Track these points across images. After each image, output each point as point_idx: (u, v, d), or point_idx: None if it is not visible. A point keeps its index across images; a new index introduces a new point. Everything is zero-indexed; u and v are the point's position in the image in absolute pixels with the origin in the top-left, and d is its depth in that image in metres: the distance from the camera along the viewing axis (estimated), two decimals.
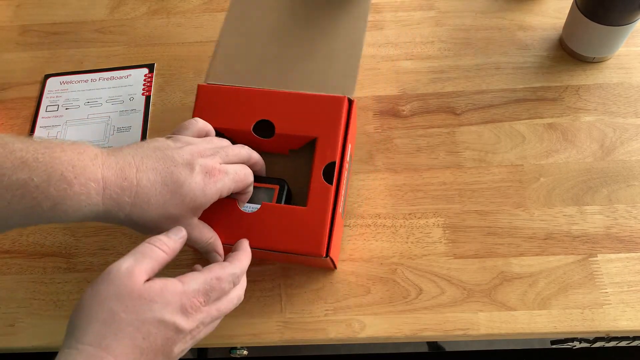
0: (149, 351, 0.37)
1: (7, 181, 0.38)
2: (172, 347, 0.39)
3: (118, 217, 0.42)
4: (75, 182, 0.39)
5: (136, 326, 0.37)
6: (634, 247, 0.55)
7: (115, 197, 0.41)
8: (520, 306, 0.53)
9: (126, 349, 0.36)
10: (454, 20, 0.73)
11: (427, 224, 0.58)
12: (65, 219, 0.40)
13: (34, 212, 0.39)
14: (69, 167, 0.39)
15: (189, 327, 0.39)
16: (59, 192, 0.39)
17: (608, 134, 0.62)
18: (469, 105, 0.66)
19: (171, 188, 0.43)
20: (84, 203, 0.40)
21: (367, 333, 0.53)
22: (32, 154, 0.39)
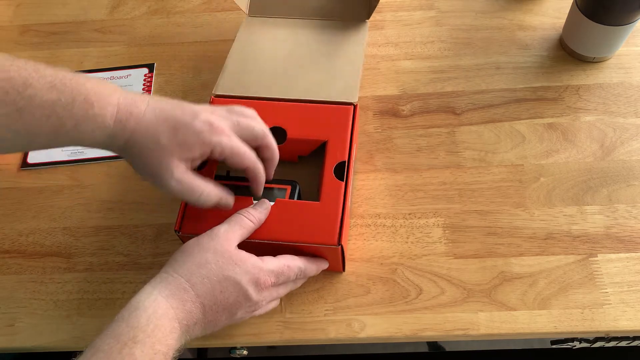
0: (220, 303, 0.44)
1: (39, 101, 0.41)
2: (237, 310, 0.45)
3: (119, 142, 0.45)
4: (96, 104, 0.43)
5: (219, 278, 0.44)
6: (634, 247, 0.55)
7: (124, 121, 0.45)
8: (521, 306, 0.53)
9: (206, 291, 0.44)
10: (454, 20, 0.73)
11: (427, 223, 0.58)
12: (85, 141, 0.45)
13: (58, 132, 0.43)
14: (91, 91, 0.43)
15: (255, 299, 0.46)
16: (82, 112, 0.43)
17: (608, 134, 0.62)
18: (469, 105, 0.66)
19: (171, 124, 0.46)
20: (100, 125, 0.44)
21: (367, 333, 0.53)
22: (60, 80, 0.43)
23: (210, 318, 0.45)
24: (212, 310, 0.44)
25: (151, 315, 0.41)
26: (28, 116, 0.41)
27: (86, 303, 0.57)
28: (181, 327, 0.43)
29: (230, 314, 0.46)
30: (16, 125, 0.42)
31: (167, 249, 0.59)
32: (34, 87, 0.41)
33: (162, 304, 0.42)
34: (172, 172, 0.45)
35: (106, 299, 0.57)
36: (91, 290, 0.58)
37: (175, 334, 0.42)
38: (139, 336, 0.40)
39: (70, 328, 0.56)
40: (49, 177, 0.65)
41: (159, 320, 0.41)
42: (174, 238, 0.60)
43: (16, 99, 0.41)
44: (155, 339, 0.40)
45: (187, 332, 0.44)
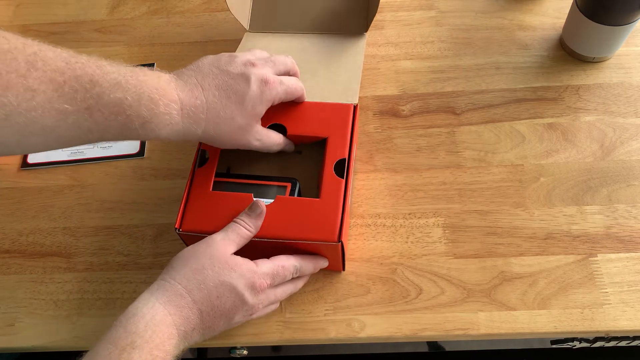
0: (217, 308, 0.45)
1: (107, 99, 0.42)
2: (234, 315, 0.46)
3: (196, 133, 0.48)
4: (160, 103, 0.45)
5: (215, 284, 0.44)
6: (634, 247, 0.55)
7: (192, 115, 0.47)
8: (520, 306, 0.53)
9: (202, 297, 0.44)
10: (454, 20, 0.73)
11: (427, 223, 0.58)
12: (150, 136, 0.46)
13: (125, 129, 0.44)
14: (153, 89, 0.44)
15: (252, 303, 0.46)
16: (148, 111, 0.44)
17: (608, 134, 0.62)
18: (469, 105, 0.66)
19: (234, 100, 0.48)
20: (167, 122, 0.45)
21: (367, 333, 0.53)
22: (123, 76, 0.43)
23: (208, 324, 0.45)
24: (209, 315, 0.45)
25: (149, 321, 0.42)
26: (97, 114, 0.42)
27: (86, 303, 0.57)
28: (179, 333, 0.43)
29: (228, 319, 0.46)
30: (87, 123, 0.42)
31: (167, 249, 0.59)
32: (101, 86, 0.42)
33: (159, 310, 0.43)
34: (255, 137, 0.51)
35: (106, 299, 0.57)
36: (91, 290, 0.58)
37: (173, 340, 0.43)
38: (137, 342, 0.40)
39: (70, 328, 0.56)
40: (49, 177, 0.65)
41: (156, 327, 0.42)
42: (174, 238, 0.60)
43: (85, 97, 0.41)
44: (153, 344, 0.41)
45: (185, 338, 0.44)
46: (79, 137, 0.43)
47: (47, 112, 0.40)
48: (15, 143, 0.41)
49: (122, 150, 0.66)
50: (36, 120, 0.40)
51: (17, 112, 0.39)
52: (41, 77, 0.39)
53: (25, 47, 0.39)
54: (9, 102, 0.38)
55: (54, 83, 0.40)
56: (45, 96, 0.40)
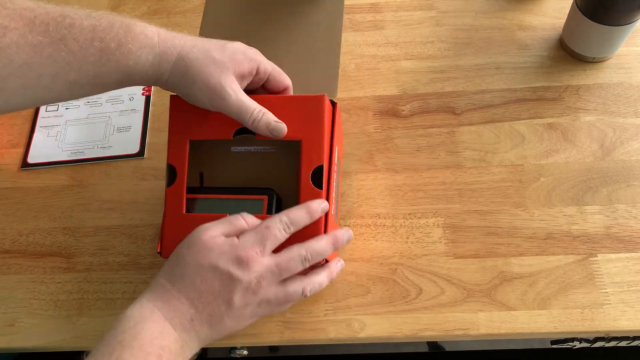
0: (207, 293, 0.43)
1: (79, 27, 0.42)
2: (231, 295, 0.43)
3: (170, 59, 0.45)
4: (134, 27, 0.45)
5: (196, 269, 0.43)
6: (634, 247, 0.55)
7: (169, 39, 0.46)
8: (520, 306, 0.53)
9: (187, 287, 0.43)
10: (454, 20, 0.73)
11: (427, 223, 0.58)
12: (129, 63, 0.44)
13: (103, 54, 0.43)
14: (126, 19, 0.45)
15: (246, 278, 0.43)
16: (124, 32, 0.44)
17: (608, 134, 0.62)
18: (468, 105, 0.66)
19: (214, 43, 0.47)
20: (144, 43, 0.45)
21: (367, 333, 0.53)
22: (93, 12, 0.44)
23: (207, 311, 0.43)
24: (201, 302, 0.43)
25: (138, 319, 0.41)
26: (72, 43, 0.42)
27: (86, 303, 0.57)
28: (174, 326, 0.42)
29: (227, 303, 0.43)
30: (63, 54, 0.42)
31: None
32: (72, 17, 0.43)
33: (147, 307, 0.43)
34: (232, 87, 0.46)
35: (106, 299, 0.57)
36: (91, 290, 0.58)
37: (168, 335, 0.42)
38: (125, 340, 0.40)
39: (70, 328, 0.56)
40: (49, 177, 0.66)
41: (145, 323, 0.41)
42: None
43: (57, 28, 0.42)
44: (143, 341, 0.40)
45: (188, 331, 0.43)
46: (59, 73, 0.43)
47: (21, 47, 0.41)
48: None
49: (122, 151, 0.66)
50: (12, 58, 0.41)
51: None
52: (11, 14, 0.40)
53: None
54: None
55: (24, 19, 0.41)
56: (17, 32, 0.41)
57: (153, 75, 0.46)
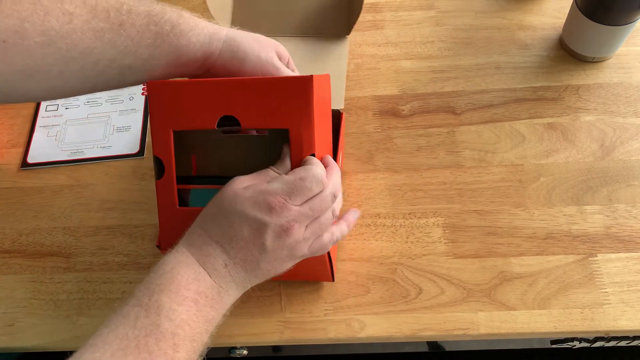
0: (237, 239, 0.42)
1: (135, 12, 0.45)
2: (262, 240, 0.42)
3: (220, 39, 0.49)
4: (183, 12, 0.48)
5: (225, 215, 0.43)
6: (634, 246, 0.55)
7: (217, 23, 0.50)
8: (520, 306, 0.53)
9: (217, 232, 0.43)
10: (454, 19, 0.73)
11: (427, 223, 0.58)
12: (182, 42, 0.47)
13: (158, 37, 0.46)
14: (176, 8, 0.48)
15: (275, 222, 0.42)
16: (175, 15, 0.47)
17: (608, 134, 0.62)
18: (468, 104, 0.66)
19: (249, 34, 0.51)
20: (195, 22, 0.48)
21: (366, 333, 0.53)
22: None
23: (240, 256, 0.43)
24: (232, 248, 0.43)
25: (174, 264, 0.42)
26: (130, 28, 0.45)
27: (86, 303, 0.57)
28: (209, 271, 0.42)
29: (260, 247, 0.43)
30: (122, 39, 0.44)
31: None
32: (128, 4, 0.45)
33: (182, 252, 0.43)
34: (279, 62, 0.51)
35: (106, 298, 0.57)
36: (91, 290, 0.58)
37: (203, 281, 0.42)
38: (163, 283, 0.40)
39: (70, 328, 0.56)
40: (49, 177, 0.65)
41: (180, 267, 0.41)
42: None
43: (117, 14, 0.44)
44: (180, 285, 0.40)
45: (222, 276, 0.43)
46: (116, 59, 0.45)
47: (85, 33, 0.43)
48: (58, 72, 0.43)
49: (122, 150, 0.66)
50: (76, 43, 0.43)
51: (60, 36, 0.42)
52: (76, 1, 0.43)
53: None
54: (52, 27, 0.41)
55: (87, 6, 0.43)
56: (82, 18, 0.43)
57: (202, 55, 0.49)
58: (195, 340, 0.40)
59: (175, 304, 0.39)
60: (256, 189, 0.43)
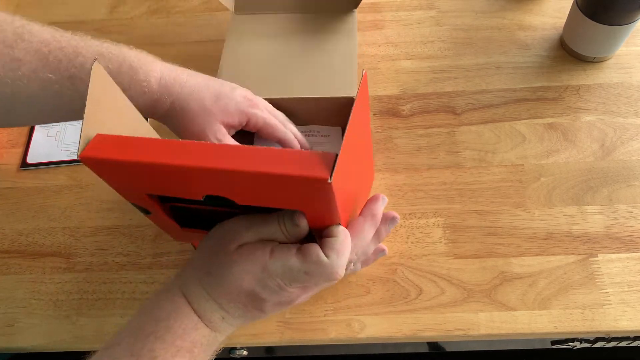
0: (236, 302, 0.40)
1: (89, 68, 0.42)
2: (261, 308, 0.41)
3: (164, 106, 0.48)
4: (140, 71, 0.47)
5: (222, 276, 0.40)
6: (635, 247, 0.55)
7: (168, 86, 0.48)
8: (521, 306, 0.53)
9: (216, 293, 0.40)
10: (454, 19, 0.73)
11: (427, 223, 0.58)
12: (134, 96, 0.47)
13: None
14: (135, 59, 0.47)
15: (275, 299, 0.40)
16: (128, 78, 0.46)
17: (608, 134, 0.62)
18: (469, 105, 0.66)
19: (212, 91, 0.50)
20: (144, 90, 0.47)
21: (367, 333, 0.53)
22: (106, 49, 0.46)
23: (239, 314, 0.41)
24: (231, 308, 0.41)
25: (170, 310, 0.40)
26: (79, 82, 0.44)
27: (86, 303, 0.57)
28: (205, 322, 0.40)
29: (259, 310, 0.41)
30: (69, 92, 0.44)
31: (167, 249, 0.59)
32: (84, 56, 0.44)
33: (179, 299, 0.40)
34: (216, 133, 0.50)
35: (106, 299, 0.57)
36: (91, 290, 0.58)
37: (201, 330, 0.40)
38: (159, 331, 0.38)
39: (70, 328, 0.56)
40: (48, 177, 0.65)
41: (178, 316, 0.39)
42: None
43: (68, 66, 0.43)
44: (176, 335, 0.38)
45: (219, 326, 0.41)
46: (62, 106, 0.44)
47: (32, 81, 0.42)
48: (6, 111, 0.43)
49: None
50: (21, 89, 0.42)
51: (4, 82, 0.41)
52: (27, 47, 0.42)
53: (14, 20, 0.42)
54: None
55: (39, 53, 0.42)
56: (30, 66, 0.42)
57: (146, 114, 0.49)
58: None
59: (169, 355, 0.37)
60: (255, 262, 0.38)
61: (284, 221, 0.39)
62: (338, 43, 0.61)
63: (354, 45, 0.61)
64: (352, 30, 0.62)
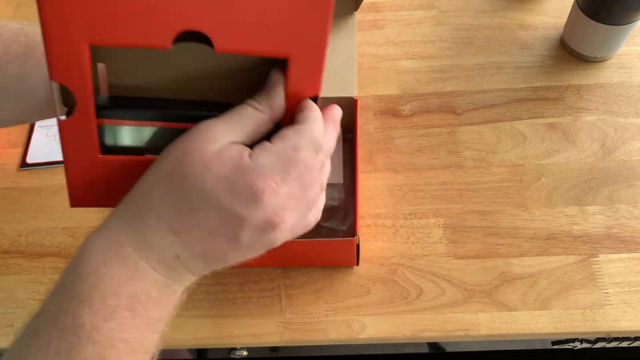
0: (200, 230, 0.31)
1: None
2: (236, 234, 0.31)
3: None
4: None
5: (184, 195, 0.30)
6: (635, 247, 0.55)
7: None
8: (521, 306, 0.53)
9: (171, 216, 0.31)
10: (454, 19, 0.73)
11: (428, 224, 0.58)
12: None
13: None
14: None
15: (260, 216, 0.30)
16: None
17: (609, 134, 0.62)
18: (469, 104, 0.65)
19: None
20: None
21: (367, 333, 0.53)
22: None
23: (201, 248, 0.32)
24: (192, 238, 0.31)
25: (100, 260, 0.30)
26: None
27: None
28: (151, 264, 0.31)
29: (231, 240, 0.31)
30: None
31: None
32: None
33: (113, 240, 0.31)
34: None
35: None
36: None
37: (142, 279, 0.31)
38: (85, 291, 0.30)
39: None
40: (48, 177, 0.65)
41: (110, 266, 0.30)
42: None
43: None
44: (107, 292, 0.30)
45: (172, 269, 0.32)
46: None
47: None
48: None
49: None
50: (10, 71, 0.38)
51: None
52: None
53: None
54: None
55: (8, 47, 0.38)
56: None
57: None
58: (137, 350, 0.30)
59: (100, 319, 0.29)
60: (235, 163, 0.30)
61: (258, 99, 0.32)
62: (338, 45, 0.61)
63: (354, 46, 0.61)
64: (353, 32, 0.62)
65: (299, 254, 0.55)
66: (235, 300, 0.55)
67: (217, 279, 0.56)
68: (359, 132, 0.64)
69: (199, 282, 0.55)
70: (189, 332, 0.54)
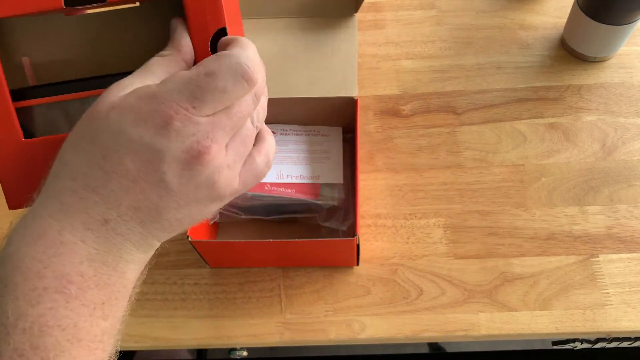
0: (118, 176, 0.27)
1: None
2: (159, 173, 0.27)
3: None
4: None
5: (93, 141, 0.27)
6: (636, 247, 0.55)
7: None
8: (522, 307, 0.53)
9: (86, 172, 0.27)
10: (455, 19, 0.73)
11: (428, 224, 0.58)
12: None
13: None
14: None
15: (177, 145, 0.26)
16: None
17: (609, 134, 0.62)
18: (469, 104, 0.65)
19: None
20: None
21: (367, 334, 0.53)
22: None
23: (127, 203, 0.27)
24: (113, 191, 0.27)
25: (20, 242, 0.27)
26: None
27: None
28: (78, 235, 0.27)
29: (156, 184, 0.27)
30: None
31: (167, 249, 0.59)
32: None
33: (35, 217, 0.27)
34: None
35: None
36: None
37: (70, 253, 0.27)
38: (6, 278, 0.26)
39: None
40: None
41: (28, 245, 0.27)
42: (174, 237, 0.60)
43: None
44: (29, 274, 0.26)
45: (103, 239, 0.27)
46: None
47: None
48: None
49: None
50: None
51: None
52: None
53: None
54: None
55: None
56: None
57: None
58: (81, 339, 0.26)
59: (25, 304, 0.25)
60: (139, 93, 0.27)
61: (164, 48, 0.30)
62: (338, 46, 0.62)
63: (354, 47, 0.61)
64: (353, 33, 0.63)
65: (299, 254, 0.55)
66: (235, 300, 0.55)
67: (217, 279, 0.56)
68: (359, 132, 0.64)
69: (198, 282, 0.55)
70: (188, 332, 0.54)
